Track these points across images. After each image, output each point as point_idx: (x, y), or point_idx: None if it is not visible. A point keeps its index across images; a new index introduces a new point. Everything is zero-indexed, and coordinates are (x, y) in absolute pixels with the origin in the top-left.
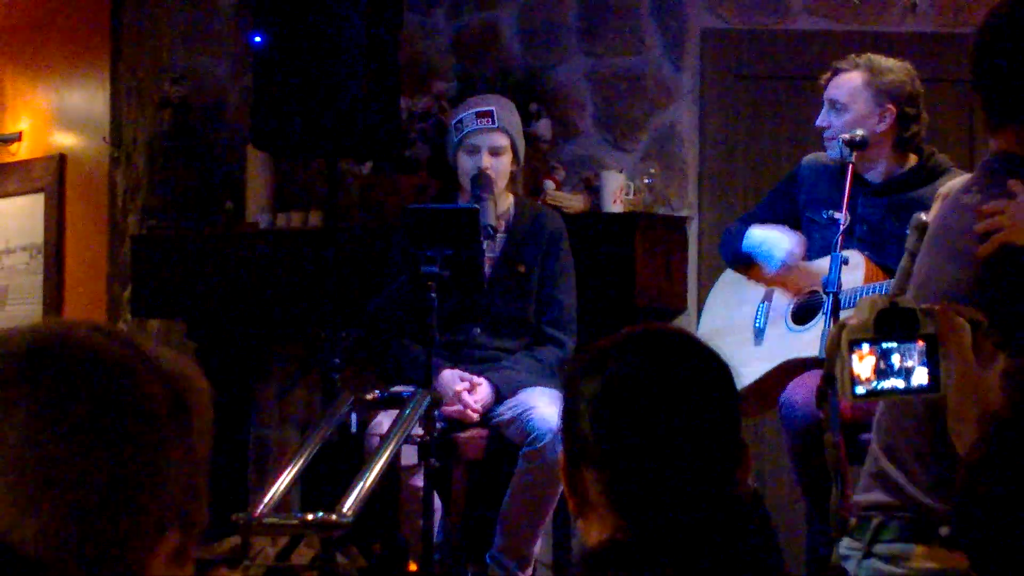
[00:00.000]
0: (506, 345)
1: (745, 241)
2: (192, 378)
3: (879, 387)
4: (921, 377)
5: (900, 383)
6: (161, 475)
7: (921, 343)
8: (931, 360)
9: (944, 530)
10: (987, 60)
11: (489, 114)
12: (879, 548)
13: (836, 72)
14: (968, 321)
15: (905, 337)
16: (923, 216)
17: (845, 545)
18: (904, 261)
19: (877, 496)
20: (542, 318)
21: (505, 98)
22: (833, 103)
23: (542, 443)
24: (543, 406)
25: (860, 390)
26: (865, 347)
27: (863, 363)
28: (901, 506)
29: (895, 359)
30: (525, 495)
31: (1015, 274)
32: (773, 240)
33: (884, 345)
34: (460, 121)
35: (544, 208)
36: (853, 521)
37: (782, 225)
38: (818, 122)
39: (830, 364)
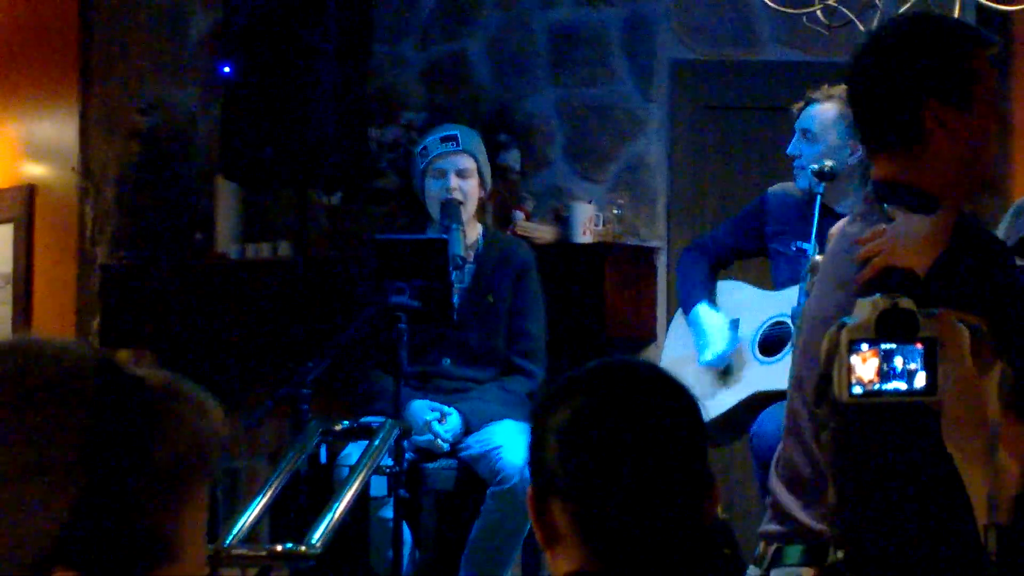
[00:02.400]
0: (475, 376)
1: (692, 316)
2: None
3: (881, 389)
4: (922, 380)
5: (902, 385)
6: None
7: (920, 345)
8: (929, 364)
9: (839, 554)
10: (861, 88)
11: (453, 138)
12: (774, 573)
13: (809, 102)
14: (967, 326)
15: (905, 339)
16: (817, 258)
17: (749, 572)
18: (805, 305)
19: (775, 526)
20: (511, 348)
21: (467, 127)
22: (805, 132)
23: (511, 484)
24: (511, 444)
25: (857, 390)
26: (865, 347)
27: (866, 365)
28: (795, 533)
29: (897, 361)
30: (492, 533)
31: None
32: (712, 337)
33: (884, 347)
34: (425, 148)
35: (513, 238)
36: (761, 547)
37: (746, 258)
38: (789, 150)
39: (828, 363)
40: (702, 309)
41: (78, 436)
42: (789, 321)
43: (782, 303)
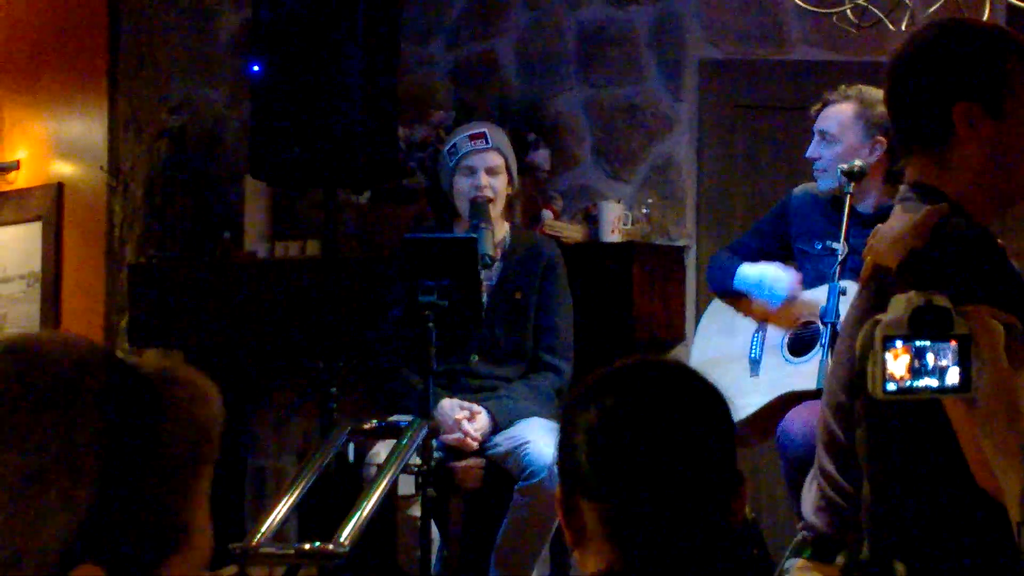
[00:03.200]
0: (504, 373)
1: (737, 279)
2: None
3: (913, 386)
4: (954, 377)
5: (934, 382)
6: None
7: (954, 343)
8: (963, 360)
9: (839, 559)
10: (899, 89)
11: (482, 135)
12: (787, 562)
13: (826, 104)
14: (1002, 323)
15: (939, 336)
16: None
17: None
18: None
19: (803, 520)
20: (539, 345)
21: (494, 124)
22: (823, 134)
23: (538, 478)
24: (539, 440)
25: (891, 387)
26: (899, 344)
27: (898, 361)
28: (807, 528)
29: (929, 358)
30: (521, 529)
31: (881, 296)
32: (770, 277)
33: (918, 343)
34: (454, 146)
35: (540, 236)
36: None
37: (771, 260)
38: (808, 153)
39: (863, 360)
40: (745, 267)
41: (92, 432)
42: (818, 321)
43: None
